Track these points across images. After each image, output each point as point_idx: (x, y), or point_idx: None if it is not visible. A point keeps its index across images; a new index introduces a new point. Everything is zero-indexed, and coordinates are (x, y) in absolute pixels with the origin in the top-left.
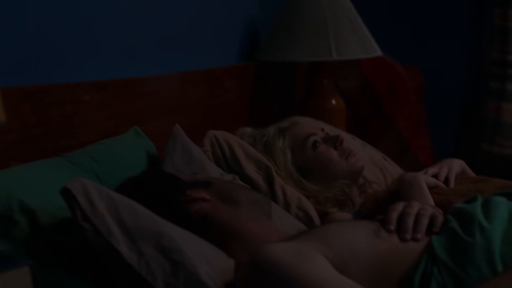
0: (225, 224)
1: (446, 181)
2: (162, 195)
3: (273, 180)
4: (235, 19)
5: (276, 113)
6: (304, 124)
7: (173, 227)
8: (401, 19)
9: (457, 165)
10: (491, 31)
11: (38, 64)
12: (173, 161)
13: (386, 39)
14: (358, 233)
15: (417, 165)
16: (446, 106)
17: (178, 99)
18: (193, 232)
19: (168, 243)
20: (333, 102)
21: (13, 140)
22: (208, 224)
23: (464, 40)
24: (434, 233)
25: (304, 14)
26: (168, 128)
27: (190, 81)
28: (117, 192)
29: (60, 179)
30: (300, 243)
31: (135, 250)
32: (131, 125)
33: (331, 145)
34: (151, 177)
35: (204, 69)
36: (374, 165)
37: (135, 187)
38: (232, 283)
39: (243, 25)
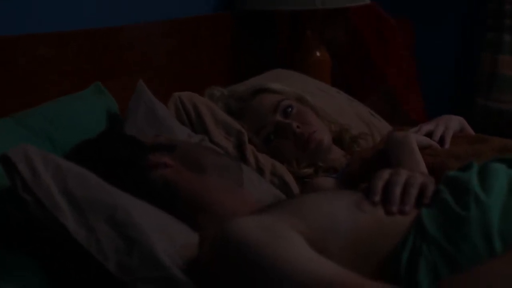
0: (190, 193)
1: (441, 140)
2: (119, 160)
3: (244, 146)
4: None
5: (257, 68)
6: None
7: (130, 199)
8: None
9: (456, 122)
10: None
11: None
12: (135, 121)
13: None
14: (338, 206)
15: (408, 122)
16: (439, 60)
17: (145, 53)
18: (154, 203)
19: (123, 217)
20: (318, 54)
21: None
22: (171, 194)
23: None
24: (424, 205)
25: None
26: (133, 85)
27: (159, 33)
28: (69, 157)
29: (6, 144)
30: (274, 218)
31: (84, 224)
32: (92, 82)
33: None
34: (108, 140)
35: (175, 19)
36: (361, 121)
37: (89, 151)
38: (195, 260)
39: None
